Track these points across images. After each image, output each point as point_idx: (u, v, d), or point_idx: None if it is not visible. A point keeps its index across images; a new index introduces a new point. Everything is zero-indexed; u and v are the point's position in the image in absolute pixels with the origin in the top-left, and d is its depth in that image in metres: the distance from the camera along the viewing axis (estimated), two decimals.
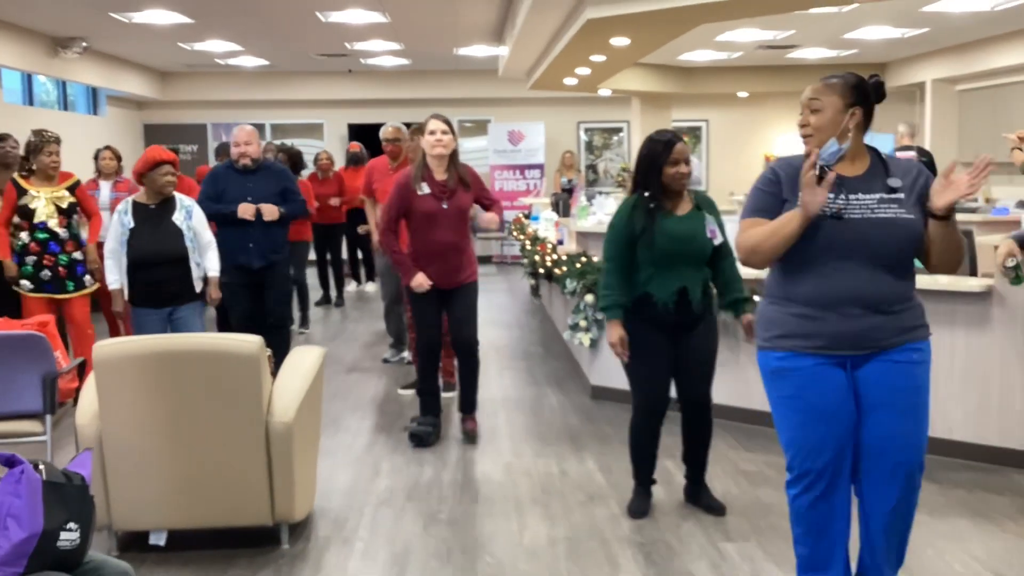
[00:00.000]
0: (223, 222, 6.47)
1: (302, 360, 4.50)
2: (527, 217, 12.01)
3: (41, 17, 10.26)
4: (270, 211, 6.51)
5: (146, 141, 16.15)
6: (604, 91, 14.38)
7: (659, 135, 4.41)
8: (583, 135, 17.04)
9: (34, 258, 6.37)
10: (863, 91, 3.17)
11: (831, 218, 3.06)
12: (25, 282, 6.36)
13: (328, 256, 11.29)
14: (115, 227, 5.53)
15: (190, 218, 5.59)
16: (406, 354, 7.85)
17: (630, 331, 4.37)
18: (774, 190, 3.21)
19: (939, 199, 3.06)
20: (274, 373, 4.32)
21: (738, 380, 6.08)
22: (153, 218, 5.53)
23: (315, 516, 4.63)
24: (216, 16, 10.43)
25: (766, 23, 10.38)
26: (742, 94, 15.27)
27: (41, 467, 2.52)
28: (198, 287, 5.66)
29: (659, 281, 4.32)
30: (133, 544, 4.23)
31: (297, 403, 4.15)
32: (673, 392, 4.58)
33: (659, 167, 4.32)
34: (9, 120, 10.66)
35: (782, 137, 13.84)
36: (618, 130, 17.05)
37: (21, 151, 6.86)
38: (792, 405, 3.20)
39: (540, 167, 16.01)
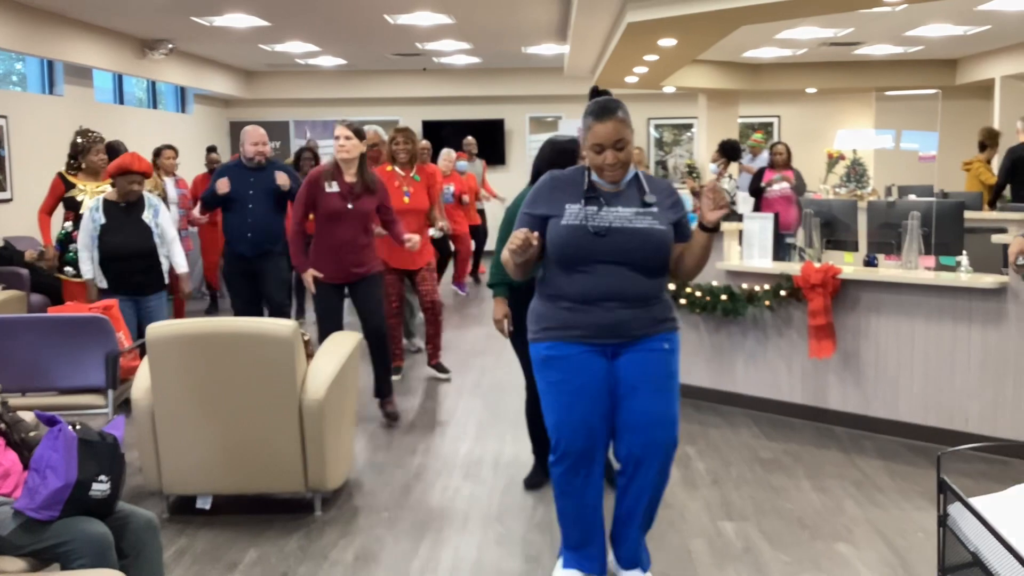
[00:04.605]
0: (221, 207, 6.99)
1: (338, 344, 4.91)
2: None
3: (129, 21, 10.89)
4: (284, 178, 6.88)
5: (232, 138, 16.85)
6: (668, 88, 14.55)
7: (559, 139, 4.76)
8: (652, 131, 17.22)
9: (76, 245, 6.86)
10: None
11: (595, 235, 3.43)
12: (68, 268, 6.88)
13: None
14: (86, 223, 6.00)
15: (157, 215, 6.05)
16: (414, 341, 8.35)
17: (522, 316, 4.65)
18: (535, 211, 3.57)
19: (710, 215, 3.44)
20: (311, 355, 4.73)
21: (765, 372, 6.29)
22: (124, 216, 5.97)
23: (349, 488, 5.02)
24: (291, 19, 10.93)
25: (824, 21, 10.46)
26: (810, 90, 15.26)
27: (78, 426, 2.94)
28: (165, 278, 6.11)
29: None
30: (182, 507, 4.68)
31: (329, 383, 4.53)
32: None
33: (573, 161, 4.57)
34: (101, 118, 11.33)
35: (842, 132, 13.81)
36: (688, 126, 17.18)
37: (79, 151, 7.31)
38: (559, 389, 3.55)
39: None
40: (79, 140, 7.02)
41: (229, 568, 4.06)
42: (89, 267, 6.04)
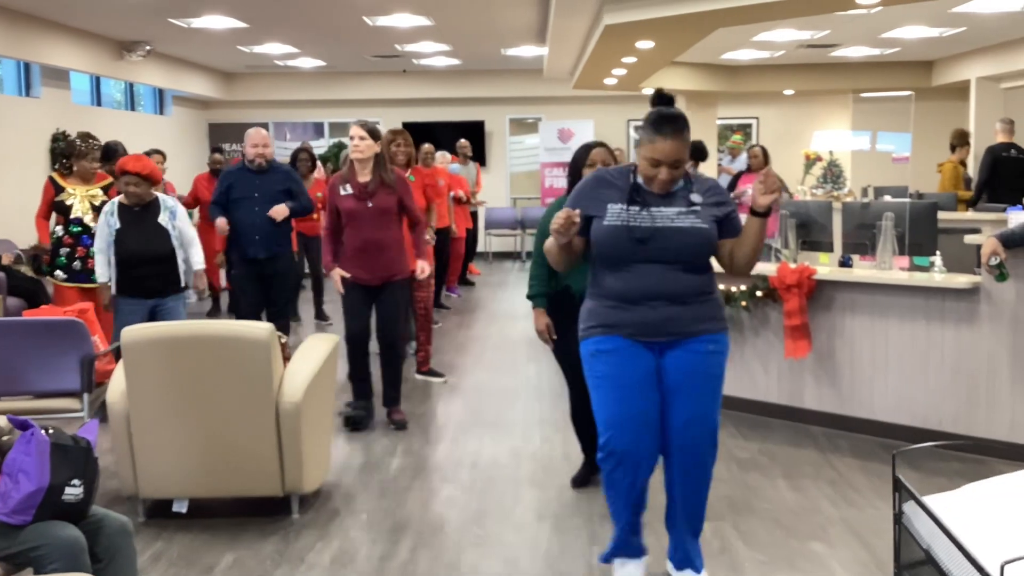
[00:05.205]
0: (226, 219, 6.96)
1: (315, 346, 4.90)
2: None
3: (106, 22, 10.85)
4: (279, 211, 6.91)
5: (211, 140, 16.80)
6: (648, 90, 14.58)
7: (585, 144, 4.81)
8: (632, 132, 17.28)
9: (67, 250, 6.78)
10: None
11: (635, 236, 3.47)
12: (59, 272, 6.83)
13: None
14: (102, 227, 5.89)
15: (175, 218, 5.92)
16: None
17: (556, 321, 4.72)
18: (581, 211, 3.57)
19: (761, 199, 3.45)
20: (288, 358, 4.73)
21: (742, 372, 6.33)
22: (139, 219, 5.85)
23: (327, 490, 5.01)
24: (269, 21, 10.92)
25: (801, 23, 10.54)
26: (788, 92, 15.36)
27: (51, 431, 2.94)
28: (184, 280, 5.99)
29: (578, 275, 4.56)
30: (158, 511, 4.66)
31: (306, 385, 4.53)
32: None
33: (579, 168, 4.65)
34: (78, 120, 11.28)
35: (819, 133, 13.90)
36: None
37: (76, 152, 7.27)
38: (609, 383, 3.57)
39: None
40: (79, 143, 6.92)
41: (205, 571, 4.06)
42: (104, 270, 5.89)
